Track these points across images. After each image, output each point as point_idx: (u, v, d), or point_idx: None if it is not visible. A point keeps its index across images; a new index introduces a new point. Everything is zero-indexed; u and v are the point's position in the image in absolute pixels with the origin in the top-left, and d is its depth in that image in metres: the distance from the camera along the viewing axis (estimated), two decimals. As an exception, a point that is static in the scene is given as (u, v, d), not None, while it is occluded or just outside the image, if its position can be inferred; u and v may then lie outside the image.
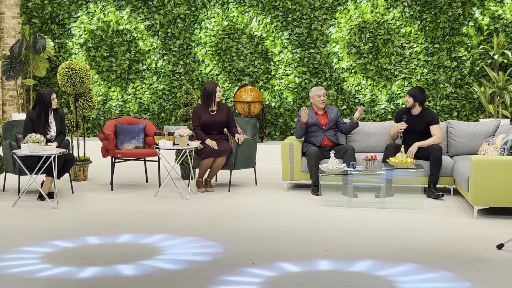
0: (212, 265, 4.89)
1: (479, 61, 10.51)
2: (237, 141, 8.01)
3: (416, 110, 7.87)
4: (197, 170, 8.31)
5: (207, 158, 7.85)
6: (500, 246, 5.28)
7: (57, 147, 7.39)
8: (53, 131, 7.58)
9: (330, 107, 8.15)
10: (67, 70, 8.62)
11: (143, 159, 8.56)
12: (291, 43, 11.15)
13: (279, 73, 11.22)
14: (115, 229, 6.05)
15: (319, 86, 8.17)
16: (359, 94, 10.95)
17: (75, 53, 11.80)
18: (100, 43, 11.73)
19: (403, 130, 7.75)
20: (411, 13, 10.73)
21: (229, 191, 8.02)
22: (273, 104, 11.28)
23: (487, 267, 4.81)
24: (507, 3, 10.38)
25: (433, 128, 7.78)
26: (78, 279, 4.56)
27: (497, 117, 10.15)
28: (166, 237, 5.70)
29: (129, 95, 11.72)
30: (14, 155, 7.07)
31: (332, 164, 7.20)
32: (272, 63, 11.24)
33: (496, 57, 10.12)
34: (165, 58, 11.58)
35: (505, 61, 10.18)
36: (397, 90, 10.80)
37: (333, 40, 11.00)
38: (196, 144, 7.70)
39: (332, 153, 7.41)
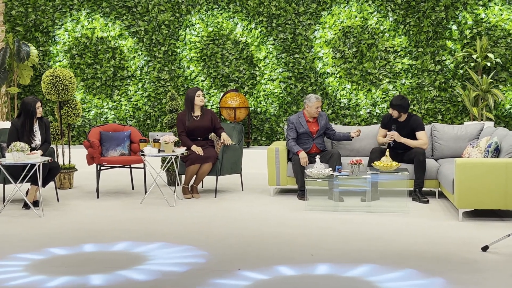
0: (199, 271, 4.88)
1: (463, 65, 10.59)
2: (223, 142, 7.98)
3: (402, 117, 7.87)
4: (183, 176, 8.29)
5: (193, 165, 7.85)
6: (485, 248, 5.31)
7: (42, 155, 7.36)
8: (38, 139, 7.55)
9: (320, 113, 8.12)
10: (51, 77, 8.59)
11: (128, 166, 8.54)
12: (276, 48, 11.17)
13: (264, 79, 11.24)
14: (100, 237, 6.02)
15: (318, 96, 8.08)
16: (344, 98, 10.99)
17: (60, 61, 11.76)
18: (84, 50, 11.70)
19: (392, 139, 7.74)
20: (394, 17, 10.79)
21: (215, 197, 8.02)
22: (258, 109, 11.29)
23: (473, 270, 4.83)
24: (489, 6, 10.47)
25: (419, 134, 7.78)
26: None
27: (481, 120, 10.22)
28: (152, 244, 5.68)
29: (114, 102, 11.69)
30: (-2, 164, 7.03)
31: (317, 168, 7.22)
32: (257, 68, 11.26)
33: (479, 60, 10.20)
34: (150, 64, 11.57)
35: (488, 64, 10.26)
36: (382, 94, 10.85)
37: (317, 45, 11.04)
38: (181, 150, 7.69)
39: (317, 158, 7.42)
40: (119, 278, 4.75)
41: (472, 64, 10.42)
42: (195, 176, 8.00)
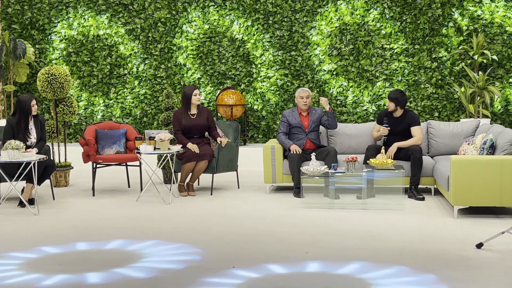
0: (194, 269, 4.88)
1: (459, 62, 10.59)
2: (220, 143, 8.00)
3: (398, 112, 7.89)
4: (179, 174, 8.28)
5: (189, 162, 7.84)
6: (479, 246, 5.31)
7: (37, 153, 7.34)
8: (33, 137, 7.53)
9: (313, 109, 8.15)
10: (47, 75, 8.57)
11: (124, 164, 8.53)
12: (272, 45, 11.17)
13: (261, 76, 11.24)
14: (96, 235, 6.02)
15: (305, 88, 8.18)
16: (341, 95, 10.98)
17: (56, 59, 11.75)
18: (80, 48, 11.68)
19: (385, 133, 7.79)
20: (391, 14, 10.78)
21: (211, 194, 8.01)
22: (255, 107, 11.29)
23: (467, 267, 4.84)
24: (486, 3, 10.46)
25: (414, 129, 7.81)
26: (56, 286, 4.53)
27: (478, 117, 10.23)
28: (148, 242, 5.68)
29: (111, 100, 11.68)
30: (-6, 162, 7.02)
31: (313, 166, 7.22)
32: (253, 65, 11.26)
33: (475, 57, 10.20)
34: (146, 62, 11.55)
35: (485, 61, 10.26)
36: (379, 91, 10.85)
37: (314, 43, 11.03)
38: (177, 148, 7.68)
39: (313, 155, 7.42)
40: (115, 276, 4.75)
41: (469, 61, 10.42)
42: (191, 173, 7.99)
